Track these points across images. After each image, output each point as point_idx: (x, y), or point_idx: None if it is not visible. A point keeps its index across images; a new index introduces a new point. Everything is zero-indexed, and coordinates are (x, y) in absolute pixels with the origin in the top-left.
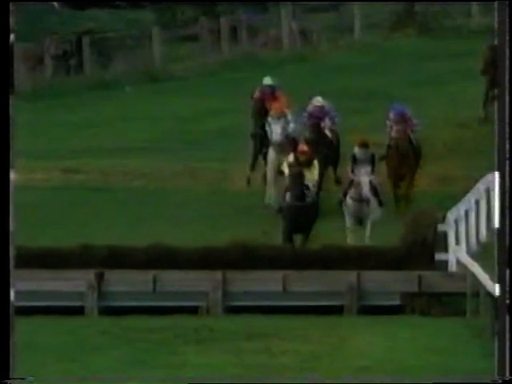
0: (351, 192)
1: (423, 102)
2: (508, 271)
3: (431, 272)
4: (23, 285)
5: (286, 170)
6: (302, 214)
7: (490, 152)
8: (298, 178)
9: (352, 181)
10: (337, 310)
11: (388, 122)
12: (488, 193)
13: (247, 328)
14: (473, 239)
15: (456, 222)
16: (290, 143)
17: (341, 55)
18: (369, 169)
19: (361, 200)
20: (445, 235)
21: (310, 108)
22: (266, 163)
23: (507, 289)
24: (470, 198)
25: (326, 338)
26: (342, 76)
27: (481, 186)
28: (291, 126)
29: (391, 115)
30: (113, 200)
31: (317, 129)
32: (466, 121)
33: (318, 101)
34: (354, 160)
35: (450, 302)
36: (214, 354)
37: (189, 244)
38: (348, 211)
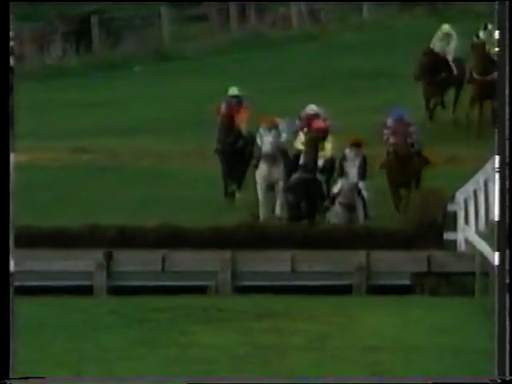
0: (340, 197)
1: None
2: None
3: (440, 252)
4: (32, 264)
5: (300, 146)
6: (314, 186)
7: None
8: (314, 145)
9: (340, 189)
10: (346, 290)
11: (385, 131)
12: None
13: (256, 308)
14: (482, 219)
15: (465, 201)
16: (281, 154)
17: (350, 34)
18: (358, 171)
19: (350, 206)
20: (454, 215)
21: (303, 115)
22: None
23: (507, 268)
24: (479, 178)
25: (335, 318)
26: (351, 55)
27: (490, 166)
28: (283, 135)
29: (389, 121)
30: (122, 180)
31: (315, 145)
32: None
33: (312, 108)
34: (344, 160)
35: (459, 281)
36: (223, 333)
37: (198, 224)
38: (336, 218)
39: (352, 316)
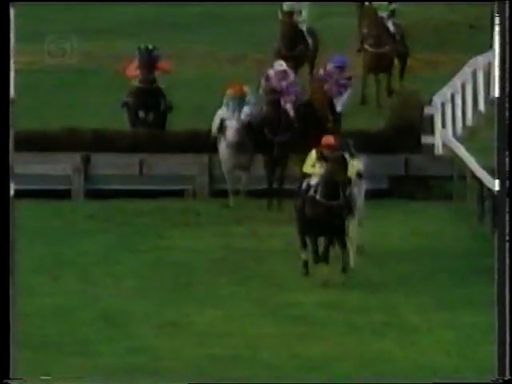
0: None
1: None
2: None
3: (418, 155)
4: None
5: (312, 170)
6: (334, 215)
7: (480, 34)
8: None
9: None
10: None
11: (321, 71)
12: (474, 76)
13: (234, 212)
14: (459, 122)
15: (442, 105)
16: (247, 134)
17: None
18: None
19: None
20: (431, 118)
21: (270, 73)
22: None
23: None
24: (457, 81)
25: None
26: None
27: (467, 69)
28: (245, 109)
29: (328, 66)
30: (99, 83)
31: (277, 106)
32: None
33: (281, 64)
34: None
35: (436, 185)
36: (201, 237)
37: (176, 128)
38: None
39: None
